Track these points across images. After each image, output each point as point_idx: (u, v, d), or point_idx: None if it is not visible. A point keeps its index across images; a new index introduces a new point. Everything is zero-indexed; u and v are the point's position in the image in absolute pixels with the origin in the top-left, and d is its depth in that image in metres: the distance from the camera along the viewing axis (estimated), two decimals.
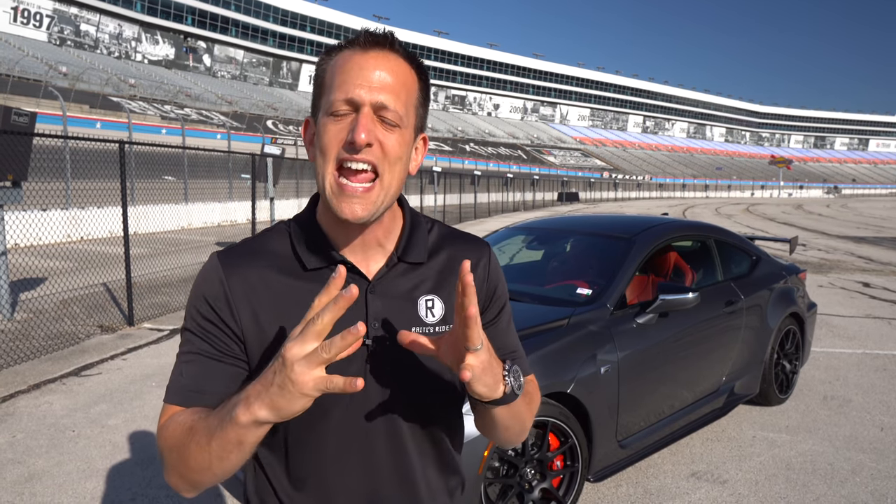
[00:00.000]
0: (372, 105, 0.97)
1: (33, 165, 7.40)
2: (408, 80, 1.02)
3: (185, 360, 1.06)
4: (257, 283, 1.06)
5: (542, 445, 2.98)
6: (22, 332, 6.42)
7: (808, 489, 3.50)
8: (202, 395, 1.03)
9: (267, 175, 11.42)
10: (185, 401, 1.03)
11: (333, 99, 0.98)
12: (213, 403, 0.99)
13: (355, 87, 0.97)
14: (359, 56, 1.00)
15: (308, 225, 1.11)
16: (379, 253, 1.10)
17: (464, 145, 77.86)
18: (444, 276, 1.13)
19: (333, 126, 0.98)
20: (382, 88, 0.98)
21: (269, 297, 1.05)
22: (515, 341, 1.24)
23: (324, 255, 1.07)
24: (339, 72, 1.00)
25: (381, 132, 0.98)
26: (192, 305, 1.08)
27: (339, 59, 1.01)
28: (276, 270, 1.07)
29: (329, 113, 0.99)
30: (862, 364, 5.91)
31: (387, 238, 1.10)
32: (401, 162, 1.02)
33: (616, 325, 3.42)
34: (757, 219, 31.67)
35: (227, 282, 1.05)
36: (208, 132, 36.12)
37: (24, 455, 3.80)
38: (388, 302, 1.08)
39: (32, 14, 55.59)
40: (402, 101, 1.00)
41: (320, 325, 0.83)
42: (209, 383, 1.03)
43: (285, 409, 0.85)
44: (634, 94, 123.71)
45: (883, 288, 10.22)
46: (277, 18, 75.17)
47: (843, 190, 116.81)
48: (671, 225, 4.43)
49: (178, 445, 0.96)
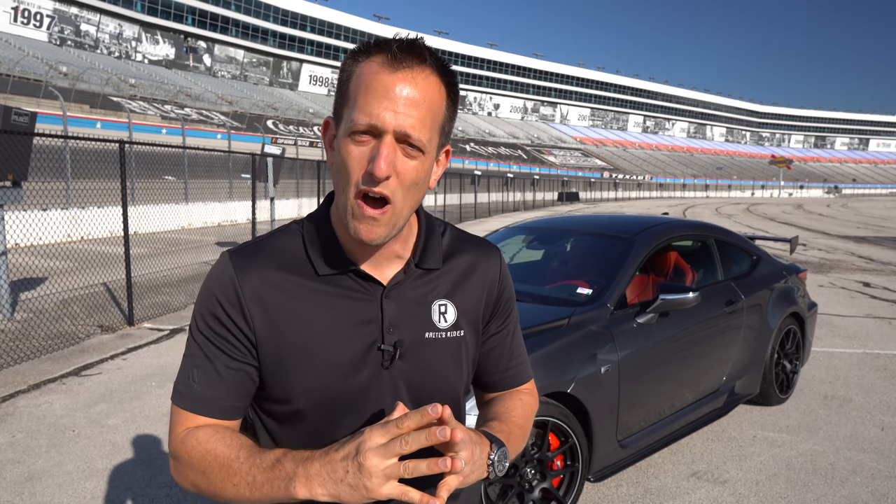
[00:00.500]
0: (395, 133, 0.94)
1: (33, 165, 7.39)
2: (435, 101, 0.97)
3: (196, 363, 1.05)
4: (269, 285, 1.04)
5: (543, 445, 2.97)
6: (22, 331, 6.42)
7: (809, 489, 3.50)
8: (221, 408, 1.04)
9: (267, 175, 11.41)
10: (202, 410, 1.04)
11: (355, 119, 0.95)
12: (229, 414, 1.04)
13: (380, 111, 0.93)
14: (387, 76, 0.94)
15: (322, 228, 1.09)
16: (394, 260, 1.09)
17: (464, 145, 77.85)
18: (456, 281, 1.13)
19: (355, 149, 0.96)
20: (408, 115, 0.94)
21: (280, 299, 1.04)
22: (521, 347, 1.25)
23: (337, 262, 1.06)
24: (364, 88, 0.95)
25: (401, 160, 0.96)
26: (202, 306, 1.06)
27: (367, 69, 0.96)
28: (287, 272, 1.05)
29: (351, 132, 0.96)
30: (862, 364, 5.90)
31: (403, 248, 1.09)
32: (416, 186, 0.99)
33: (616, 325, 3.41)
34: (757, 218, 31.67)
35: (239, 282, 1.04)
36: (208, 132, 36.10)
37: (24, 455, 3.80)
38: (403, 307, 1.07)
39: (33, 14, 55.60)
40: (427, 126, 0.96)
41: (405, 447, 0.86)
42: (224, 393, 1.04)
43: (349, 502, 0.88)
44: (635, 93, 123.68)
45: (883, 287, 10.22)
46: (278, 18, 75.17)
47: (843, 190, 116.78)
48: (671, 225, 4.43)
49: (207, 472, 0.98)
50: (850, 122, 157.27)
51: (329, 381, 1.04)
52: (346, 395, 1.05)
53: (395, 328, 1.06)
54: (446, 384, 1.11)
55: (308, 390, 1.04)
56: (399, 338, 1.06)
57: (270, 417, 1.10)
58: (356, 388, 1.05)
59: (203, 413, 1.03)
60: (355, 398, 1.05)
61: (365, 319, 1.05)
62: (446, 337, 1.09)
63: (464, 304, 1.12)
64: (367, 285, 1.06)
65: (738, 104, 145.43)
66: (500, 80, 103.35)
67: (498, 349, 1.22)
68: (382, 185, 0.95)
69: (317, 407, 1.05)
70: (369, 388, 1.05)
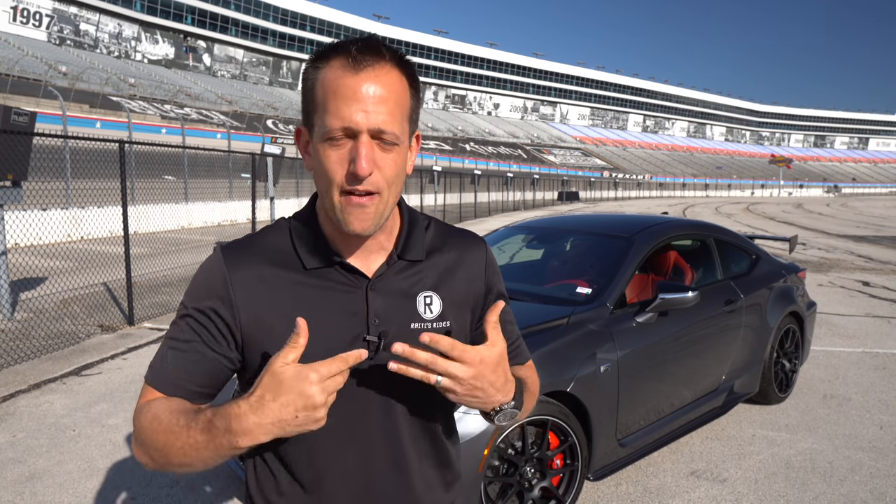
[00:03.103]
0: (369, 131, 0.98)
1: (33, 165, 7.40)
2: (401, 93, 1.02)
3: (173, 345, 1.08)
4: (258, 278, 1.08)
5: (542, 444, 2.98)
6: (22, 331, 6.42)
7: (808, 487, 3.50)
8: (184, 390, 1.07)
9: (267, 174, 11.42)
10: (167, 390, 1.07)
11: (329, 125, 0.98)
12: (193, 398, 1.06)
13: (351, 113, 0.97)
14: (351, 78, 0.98)
15: (309, 225, 1.13)
16: (379, 252, 1.12)
17: (464, 145, 77.85)
18: (442, 273, 1.15)
19: (333, 153, 0.99)
20: (378, 113, 0.98)
21: (269, 292, 1.07)
22: (515, 332, 1.27)
23: (323, 256, 1.10)
24: (331, 93, 0.98)
25: (380, 155, 1.00)
26: (191, 294, 1.10)
27: (329, 74, 0.99)
28: (277, 266, 1.09)
29: (326, 137, 0.99)
30: (861, 363, 5.91)
31: (388, 239, 1.13)
32: (398, 177, 1.04)
33: (616, 324, 3.42)
34: (757, 218, 31.68)
35: (230, 275, 1.07)
36: (208, 132, 36.08)
37: (24, 454, 3.81)
38: (388, 299, 1.10)
39: (32, 13, 55.56)
40: (397, 119, 1.01)
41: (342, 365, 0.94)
42: (193, 377, 1.07)
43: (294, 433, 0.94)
44: (634, 93, 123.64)
45: (882, 287, 10.23)
46: (277, 18, 75.14)
47: (843, 189, 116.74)
48: (671, 224, 4.43)
49: (155, 440, 1.00)
50: (849, 121, 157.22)
51: None
52: None
53: (380, 319, 1.08)
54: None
55: None
56: (384, 329, 1.08)
57: None
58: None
59: (166, 392, 1.06)
60: (341, 389, 1.06)
61: (351, 311, 1.08)
62: (432, 328, 1.11)
63: (450, 296, 1.14)
64: (353, 278, 1.09)
65: (737, 103, 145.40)
66: (500, 79, 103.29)
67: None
68: (367, 182, 0.99)
69: None
70: (355, 378, 1.08)
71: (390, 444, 1.11)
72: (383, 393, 1.09)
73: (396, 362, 0.96)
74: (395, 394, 1.10)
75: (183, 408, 1.01)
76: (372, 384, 1.08)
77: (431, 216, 1.24)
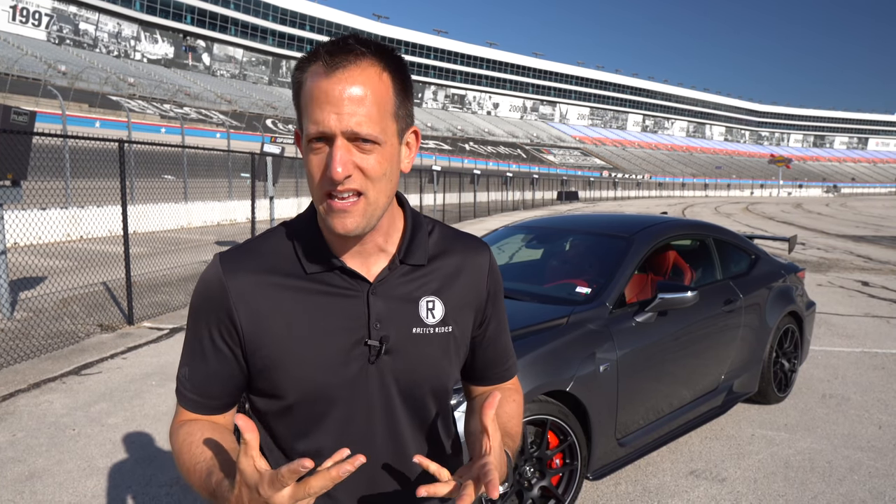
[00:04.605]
0: (343, 134, 0.96)
1: (33, 164, 7.40)
2: (378, 91, 0.98)
3: (186, 361, 1.13)
4: (257, 285, 1.08)
5: (542, 443, 2.99)
6: (22, 330, 6.43)
7: (807, 487, 3.51)
8: (205, 407, 1.12)
9: (267, 174, 11.41)
10: (191, 408, 1.13)
11: (307, 130, 0.99)
12: (214, 411, 1.13)
13: (324, 117, 0.96)
14: (324, 81, 0.97)
15: (308, 228, 1.12)
16: (380, 256, 1.12)
17: (463, 144, 77.84)
18: (445, 279, 1.15)
19: (314, 157, 1.00)
20: (352, 114, 0.96)
21: (268, 298, 1.08)
22: (508, 343, 1.29)
23: (323, 260, 1.09)
24: (309, 97, 0.98)
25: (359, 157, 0.98)
26: (193, 307, 1.12)
27: (308, 78, 0.99)
28: (277, 272, 1.09)
29: (307, 141, 1.00)
30: (860, 362, 5.92)
31: (387, 241, 1.12)
32: (385, 177, 1.01)
33: (615, 324, 3.42)
34: (756, 217, 31.69)
35: (228, 284, 1.08)
36: (208, 131, 36.06)
37: (24, 454, 3.81)
38: (390, 303, 1.10)
39: (31, 13, 55.51)
40: (375, 119, 0.98)
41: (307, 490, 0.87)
42: (210, 392, 1.12)
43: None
44: (634, 93, 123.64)
45: (881, 287, 10.24)
46: (277, 17, 75.10)
47: (842, 189, 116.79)
48: (670, 224, 4.44)
49: (180, 469, 1.07)
50: (849, 121, 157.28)
51: (317, 377, 1.07)
52: (335, 390, 1.08)
53: (381, 324, 1.08)
54: (434, 379, 1.14)
55: (297, 386, 1.08)
56: (385, 333, 1.08)
57: (262, 411, 1.15)
58: (344, 382, 1.08)
59: (190, 409, 1.13)
60: (343, 393, 1.09)
61: (352, 315, 1.08)
62: (434, 332, 1.12)
63: (452, 301, 1.15)
64: (354, 282, 1.09)
65: (737, 103, 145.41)
66: (500, 79, 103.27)
67: (492, 345, 1.25)
68: (346, 183, 0.98)
69: (306, 402, 1.09)
70: (357, 382, 1.08)
71: (391, 441, 1.12)
72: (385, 396, 1.10)
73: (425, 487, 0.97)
74: (396, 397, 1.11)
75: (204, 454, 1.03)
76: (374, 387, 1.09)
77: (436, 220, 1.24)
